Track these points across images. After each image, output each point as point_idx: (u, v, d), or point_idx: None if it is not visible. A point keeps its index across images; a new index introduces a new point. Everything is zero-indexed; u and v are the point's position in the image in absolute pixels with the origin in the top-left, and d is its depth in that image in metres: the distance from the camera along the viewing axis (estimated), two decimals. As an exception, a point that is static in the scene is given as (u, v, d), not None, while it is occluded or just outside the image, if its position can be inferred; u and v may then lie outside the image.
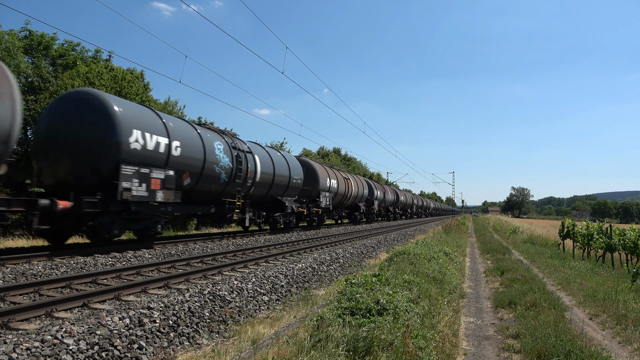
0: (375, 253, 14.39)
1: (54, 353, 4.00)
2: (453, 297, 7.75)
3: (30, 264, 8.45)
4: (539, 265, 12.96)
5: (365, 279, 6.23)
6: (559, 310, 6.69)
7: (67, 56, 22.54)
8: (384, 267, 8.21)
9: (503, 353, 5.16)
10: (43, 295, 6.56)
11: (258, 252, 12.32)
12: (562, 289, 9.34)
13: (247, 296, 6.94)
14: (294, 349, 3.91)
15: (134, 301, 6.34)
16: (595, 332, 6.23)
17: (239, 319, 6.16)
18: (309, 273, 9.45)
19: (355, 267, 11.51)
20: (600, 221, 18.73)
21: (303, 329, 4.68)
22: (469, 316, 7.03)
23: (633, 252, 12.97)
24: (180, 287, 7.45)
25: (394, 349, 3.96)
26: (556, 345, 4.78)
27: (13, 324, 5.06)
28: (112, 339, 4.45)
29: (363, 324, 4.39)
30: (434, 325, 5.27)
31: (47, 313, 5.51)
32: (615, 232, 14.06)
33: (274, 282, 8.03)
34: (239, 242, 14.41)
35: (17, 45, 18.60)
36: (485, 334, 6.00)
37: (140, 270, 8.49)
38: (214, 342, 5.24)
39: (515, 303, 7.29)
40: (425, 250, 11.17)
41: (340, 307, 4.99)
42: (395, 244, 18.12)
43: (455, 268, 10.84)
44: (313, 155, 46.53)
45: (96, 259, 9.34)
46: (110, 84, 19.95)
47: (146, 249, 11.17)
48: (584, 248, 16.82)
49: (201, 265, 9.79)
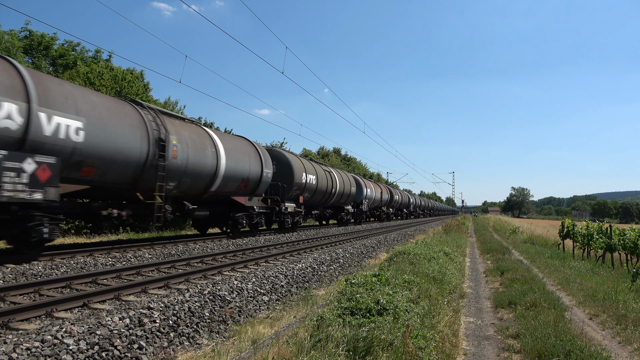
0: (375, 253, 14.39)
1: (54, 353, 4.00)
2: (453, 297, 7.75)
3: (30, 264, 8.45)
4: (539, 265, 12.96)
5: (365, 279, 6.23)
6: (558, 310, 6.69)
7: (67, 56, 22.57)
8: (384, 267, 8.21)
9: (503, 353, 5.17)
10: (43, 295, 6.56)
11: (258, 252, 12.32)
12: (562, 289, 9.34)
13: (247, 296, 6.94)
14: (294, 349, 3.91)
15: (134, 301, 6.35)
16: (595, 332, 6.23)
17: (239, 319, 6.16)
18: (309, 273, 9.45)
19: (355, 267, 11.51)
20: (600, 221, 18.72)
21: (303, 329, 4.69)
22: (469, 316, 7.03)
23: (633, 252, 12.97)
24: (180, 287, 7.45)
25: (394, 349, 3.96)
26: (556, 345, 4.78)
27: (13, 324, 5.06)
28: (112, 339, 4.45)
29: (363, 324, 4.39)
30: (434, 325, 5.27)
31: (47, 313, 5.51)
32: (615, 232, 14.06)
33: (274, 282, 8.03)
34: (239, 242, 14.43)
35: (17, 45, 18.61)
36: (485, 334, 6.00)
37: (140, 270, 8.50)
38: (214, 342, 5.24)
39: (515, 303, 7.30)
40: (425, 250, 11.17)
41: (340, 307, 5.00)
42: (395, 244, 18.12)
43: (455, 268, 10.84)
44: (313, 155, 46.50)
45: (96, 259, 9.35)
46: (110, 84, 19.96)
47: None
48: (584, 248, 16.82)
49: (201, 265, 9.79)
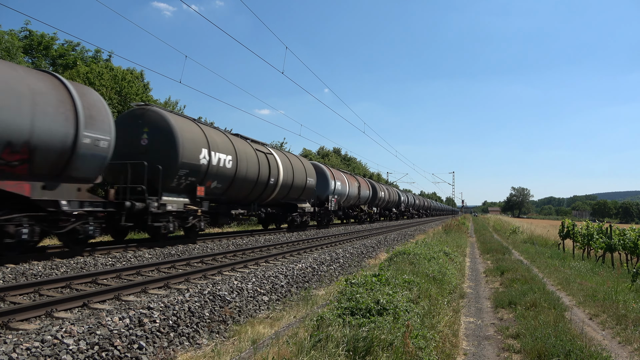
0: (375, 253, 14.39)
1: (54, 353, 4.00)
2: (453, 297, 7.74)
3: (30, 264, 8.45)
4: (539, 265, 12.96)
5: (365, 279, 6.22)
6: (559, 310, 6.69)
7: (67, 56, 22.58)
8: (384, 267, 8.20)
9: (503, 353, 5.16)
10: (43, 295, 6.56)
11: (258, 252, 12.32)
12: (562, 289, 9.33)
13: (247, 296, 6.94)
14: (294, 349, 3.91)
15: (134, 301, 6.35)
16: (595, 332, 6.23)
17: (239, 319, 6.16)
18: (309, 273, 9.45)
19: (355, 267, 11.51)
20: (600, 221, 18.71)
21: (303, 329, 4.68)
22: (469, 316, 7.03)
23: (633, 252, 12.96)
24: (180, 287, 7.45)
25: (394, 349, 3.96)
26: (556, 345, 4.78)
27: (13, 324, 5.06)
28: (112, 339, 4.45)
29: (363, 324, 4.38)
30: (434, 325, 5.27)
31: (47, 313, 5.51)
32: (615, 232, 14.05)
33: (274, 282, 8.02)
34: (239, 242, 14.42)
35: (17, 45, 18.61)
36: (485, 334, 6.00)
37: (140, 270, 8.50)
38: (214, 342, 5.24)
39: (515, 303, 7.29)
40: (425, 250, 11.16)
41: (340, 307, 4.99)
42: (395, 244, 18.11)
43: (455, 268, 10.83)
44: (313, 155, 46.45)
45: (96, 259, 9.35)
46: (110, 84, 19.96)
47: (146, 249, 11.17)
48: (584, 248, 16.81)
49: (201, 265, 9.79)
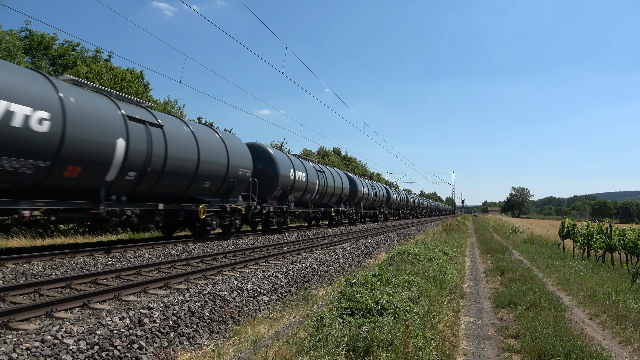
0: (375, 253, 14.39)
1: (54, 353, 4.00)
2: (453, 297, 7.74)
3: (30, 264, 8.45)
4: (539, 265, 12.96)
5: (365, 279, 6.22)
6: (559, 310, 6.68)
7: (67, 56, 22.59)
8: (384, 267, 8.20)
9: (503, 353, 5.16)
10: (43, 295, 6.56)
11: (258, 252, 12.32)
12: (562, 289, 9.33)
13: (247, 296, 6.94)
14: (294, 349, 3.91)
15: (134, 301, 6.35)
16: (595, 332, 6.23)
17: (239, 319, 6.16)
18: (309, 273, 9.45)
19: (355, 267, 11.51)
20: (600, 221, 18.71)
21: (303, 329, 4.68)
22: (469, 316, 7.03)
23: (633, 252, 12.96)
24: (180, 287, 7.45)
25: (393, 349, 3.96)
26: (556, 345, 4.78)
27: (13, 324, 5.06)
28: (112, 339, 4.45)
29: (363, 324, 4.38)
30: (434, 325, 5.27)
31: (47, 313, 5.51)
32: (615, 232, 14.05)
33: (274, 282, 8.02)
34: (239, 242, 14.42)
35: (17, 45, 18.62)
36: (485, 334, 6.00)
37: (140, 270, 8.49)
38: (214, 342, 5.24)
39: (515, 303, 7.29)
40: (425, 250, 11.16)
41: (340, 307, 4.99)
42: (395, 244, 18.12)
43: (455, 268, 10.83)
44: (313, 155, 46.43)
45: (96, 259, 9.34)
46: (110, 84, 19.96)
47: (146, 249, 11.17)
48: (584, 248, 16.81)
49: (201, 265, 9.79)
